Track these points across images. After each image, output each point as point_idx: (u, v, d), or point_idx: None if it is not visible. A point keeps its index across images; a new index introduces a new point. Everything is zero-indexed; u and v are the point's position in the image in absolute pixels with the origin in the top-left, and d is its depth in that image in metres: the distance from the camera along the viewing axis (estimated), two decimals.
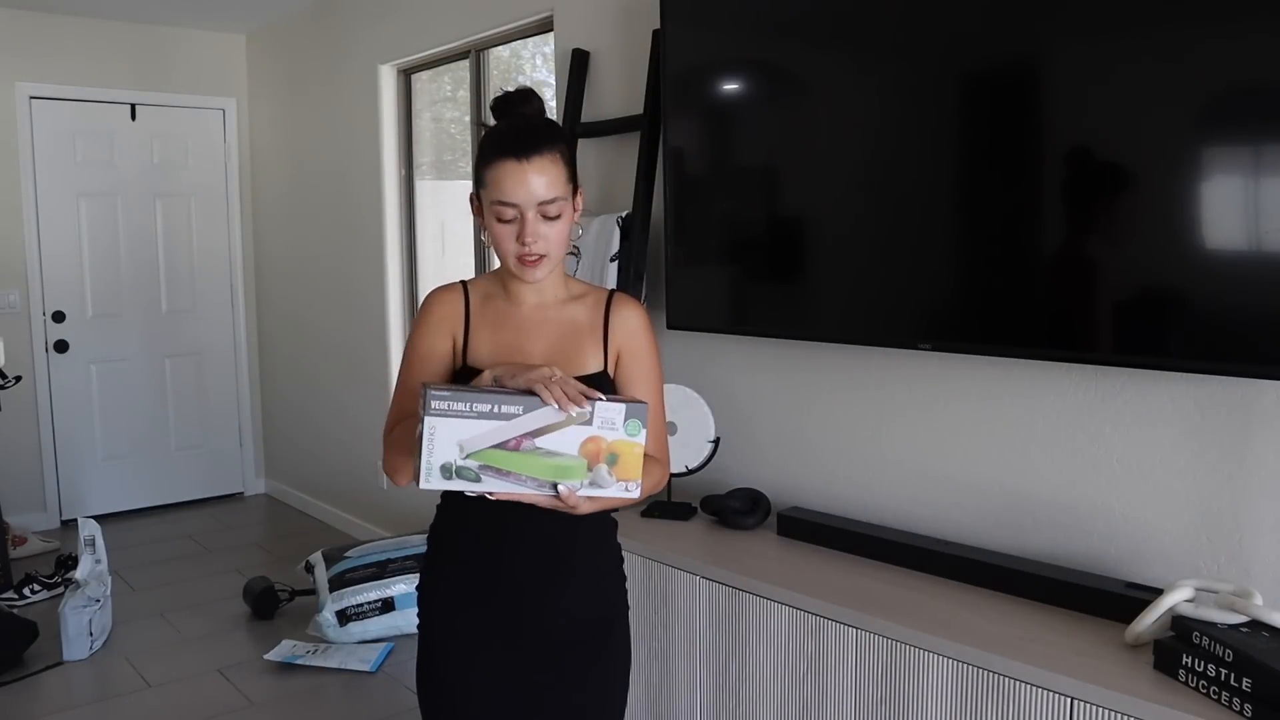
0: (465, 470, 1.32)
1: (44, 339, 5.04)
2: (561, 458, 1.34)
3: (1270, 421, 1.77)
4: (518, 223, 1.48)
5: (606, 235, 2.92)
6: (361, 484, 4.80)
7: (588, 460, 1.34)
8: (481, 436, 1.32)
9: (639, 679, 2.41)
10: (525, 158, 1.46)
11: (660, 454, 1.63)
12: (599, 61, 3.15)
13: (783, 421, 2.65)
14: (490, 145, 1.50)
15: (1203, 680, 1.54)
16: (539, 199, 1.47)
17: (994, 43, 2.00)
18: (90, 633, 3.48)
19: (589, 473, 1.35)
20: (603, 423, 1.34)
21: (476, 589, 1.59)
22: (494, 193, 1.48)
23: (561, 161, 1.50)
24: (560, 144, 1.51)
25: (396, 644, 3.54)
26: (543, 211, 1.48)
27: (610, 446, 1.35)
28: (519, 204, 1.47)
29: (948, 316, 2.13)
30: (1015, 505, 2.15)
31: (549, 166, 1.48)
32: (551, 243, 1.51)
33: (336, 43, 4.71)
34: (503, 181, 1.47)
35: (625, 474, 1.36)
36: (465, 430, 1.31)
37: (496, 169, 1.47)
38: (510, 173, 1.46)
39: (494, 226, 1.50)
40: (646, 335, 1.63)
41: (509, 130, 1.51)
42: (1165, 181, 1.76)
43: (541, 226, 1.49)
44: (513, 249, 1.50)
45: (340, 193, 4.80)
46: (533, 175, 1.46)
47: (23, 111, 4.89)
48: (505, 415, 1.32)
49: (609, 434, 1.34)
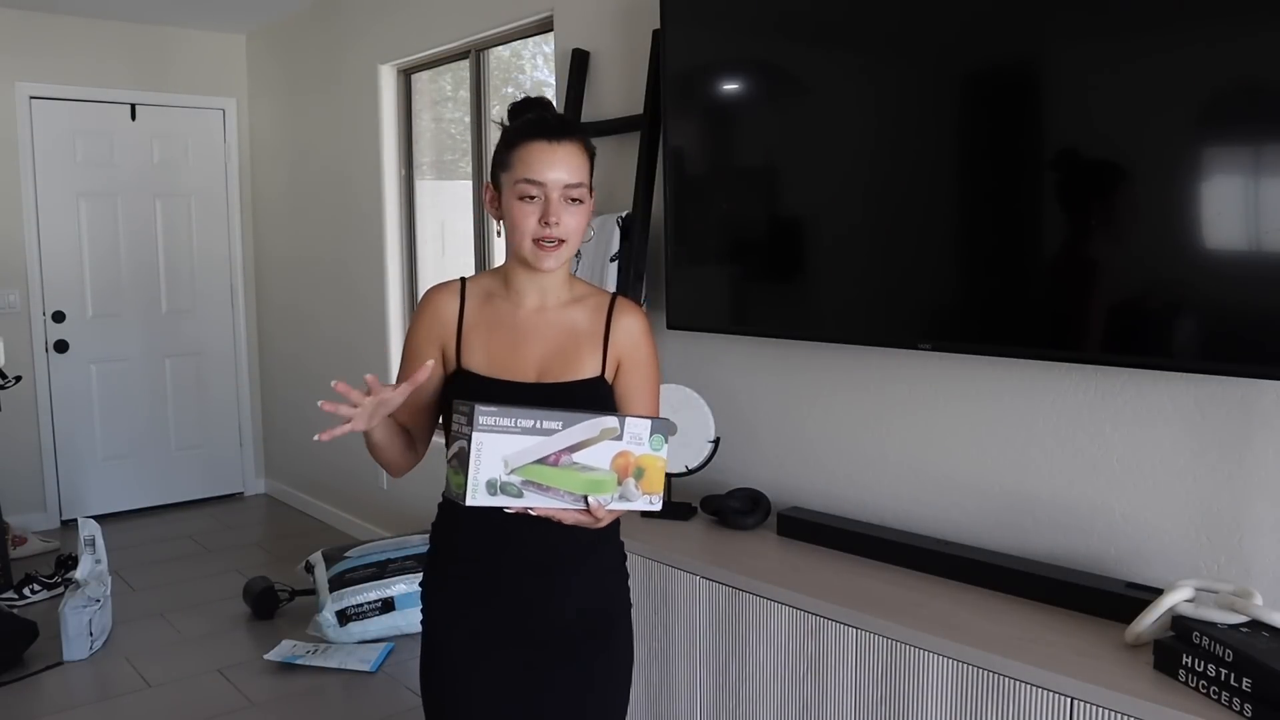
0: (509, 486, 1.35)
1: (44, 339, 5.04)
2: (595, 472, 1.38)
3: (1270, 421, 1.77)
4: (541, 203, 1.49)
5: (606, 235, 2.92)
6: (361, 484, 4.80)
7: (618, 474, 1.39)
8: (525, 452, 1.35)
9: (639, 679, 2.41)
10: (557, 140, 1.49)
11: None
12: (599, 61, 3.15)
13: (783, 421, 2.65)
14: (519, 130, 1.52)
15: (1203, 680, 1.54)
16: (565, 181, 1.49)
17: (993, 43, 2.00)
18: (90, 633, 3.48)
19: (619, 486, 1.40)
20: (631, 438, 1.39)
21: (479, 587, 1.59)
22: (521, 171, 1.49)
23: (585, 152, 1.54)
24: (585, 136, 1.56)
25: (397, 644, 3.54)
26: (567, 194, 1.50)
27: (638, 461, 1.40)
28: (546, 183, 1.48)
29: (948, 316, 2.13)
30: (1015, 505, 2.15)
31: (577, 153, 1.51)
32: (570, 230, 1.51)
33: (336, 43, 4.71)
34: (531, 160, 1.49)
35: (650, 488, 1.42)
36: (510, 446, 1.34)
37: (526, 149, 1.50)
38: (541, 152, 1.49)
39: (515, 206, 1.50)
40: (647, 343, 1.63)
41: (539, 118, 1.53)
42: (1165, 181, 1.76)
43: (565, 211, 1.50)
44: (532, 229, 1.50)
45: (340, 193, 4.80)
46: (562, 157, 1.49)
47: (23, 111, 4.89)
48: (546, 431, 1.36)
49: (636, 449, 1.40)
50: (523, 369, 1.56)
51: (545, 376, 1.55)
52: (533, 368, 1.56)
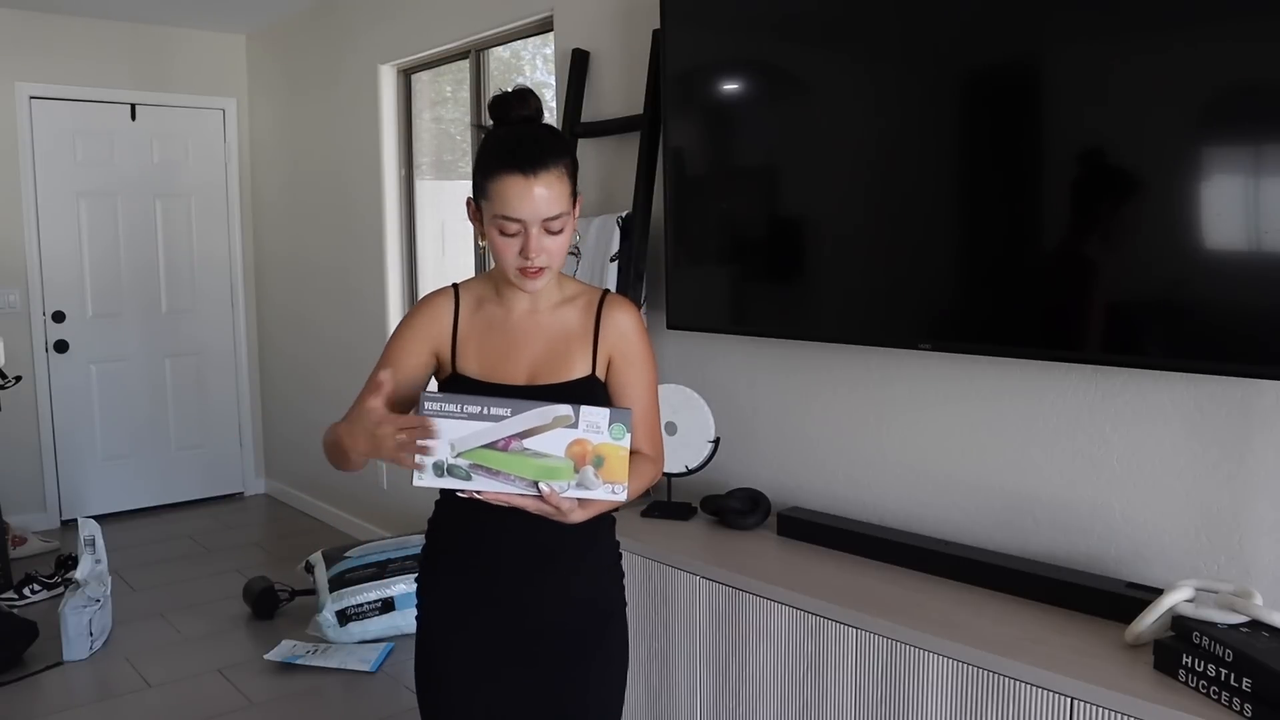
0: (456, 468, 1.39)
1: (44, 339, 5.04)
2: (548, 458, 1.40)
3: (1270, 421, 1.77)
4: (521, 237, 1.47)
5: (606, 235, 2.92)
6: (361, 484, 4.80)
7: (574, 462, 1.40)
8: (471, 436, 1.39)
9: (639, 679, 2.41)
10: (532, 173, 1.43)
11: (654, 451, 1.65)
12: (599, 61, 3.15)
13: (783, 421, 2.65)
14: (493, 156, 1.46)
15: (1203, 680, 1.54)
16: (543, 215, 1.45)
17: (994, 43, 2.00)
18: (90, 633, 3.48)
19: (575, 474, 1.41)
20: (588, 426, 1.40)
21: (474, 585, 1.59)
22: (498, 206, 1.45)
23: (566, 176, 1.48)
24: (566, 157, 1.49)
25: (396, 644, 3.54)
26: (547, 227, 1.47)
27: (596, 449, 1.41)
28: (524, 219, 1.45)
29: (948, 316, 2.13)
30: (1015, 505, 2.15)
31: (554, 182, 1.45)
32: (553, 255, 1.50)
33: (336, 43, 4.71)
34: (507, 197, 1.44)
35: (611, 476, 1.42)
36: (456, 430, 1.39)
37: (501, 183, 1.44)
38: (516, 188, 1.43)
39: (496, 239, 1.49)
40: (639, 337, 1.62)
41: (513, 142, 1.46)
42: (1165, 182, 1.76)
43: (545, 240, 1.47)
44: (514, 262, 1.49)
45: (340, 193, 4.80)
46: (539, 191, 1.44)
47: (23, 111, 4.89)
48: (494, 417, 1.39)
49: (595, 437, 1.41)
50: (514, 372, 1.56)
51: (537, 379, 1.56)
52: (524, 371, 1.57)
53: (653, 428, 1.65)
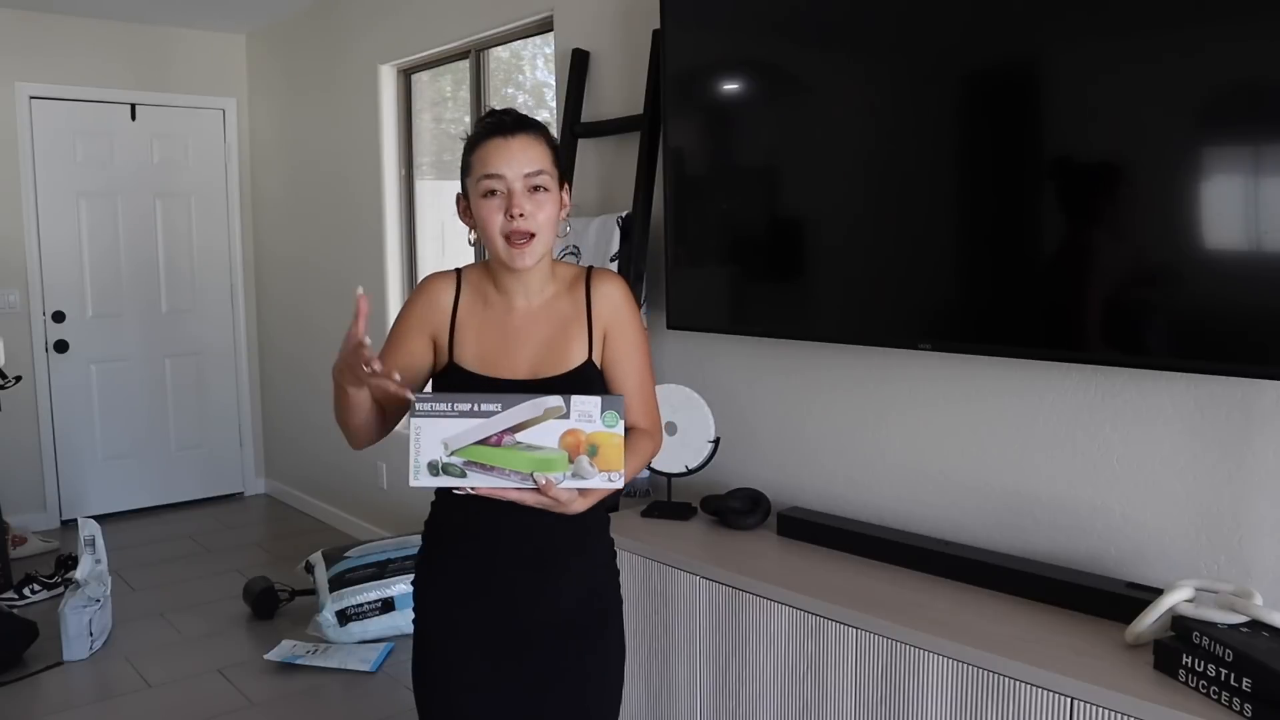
0: (451, 466, 1.41)
1: (44, 339, 5.04)
2: (542, 451, 1.42)
3: (1270, 421, 1.77)
4: (504, 196, 1.50)
5: (606, 235, 2.92)
6: (361, 484, 4.80)
7: (568, 452, 1.42)
8: (464, 434, 1.41)
9: (639, 679, 2.41)
10: (510, 134, 1.51)
11: (650, 425, 1.65)
12: (599, 61, 3.15)
13: (783, 421, 2.65)
14: (476, 133, 1.55)
15: (1203, 680, 1.54)
16: (525, 170, 1.50)
17: (993, 43, 2.00)
18: (90, 633, 3.48)
19: (570, 465, 1.42)
20: (580, 415, 1.42)
21: (471, 583, 1.59)
22: (479, 168, 1.51)
23: (545, 144, 1.55)
24: (544, 132, 1.56)
25: (396, 644, 3.54)
26: (529, 183, 1.50)
27: (590, 438, 1.42)
28: (505, 174, 1.49)
29: (948, 316, 2.13)
30: (1015, 505, 2.15)
31: (533, 143, 1.53)
32: (539, 223, 1.51)
33: (336, 43, 4.71)
34: (488, 156, 1.50)
35: (607, 465, 1.43)
36: (449, 429, 1.41)
37: (482, 148, 1.52)
38: (496, 147, 1.51)
39: (481, 206, 1.52)
40: (628, 307, 1.64)
41: (496, 120, 1.55)
42: (1165, 181, 1.76)
43: (528, 202, 1.50)
44: (500, 224, 1.50)
45: (340, 192, 4.80)
46: (519, 148, 1.50)
47: (23, 111, 4.89)
48: (485, 413, 1.42)
49: (587, 426, 1.42)
50: (514, 367, 1.57)
51: (539, 372, 1.57)
52: (524, 365, 1.57)
53: (648, 398, 1.66)
